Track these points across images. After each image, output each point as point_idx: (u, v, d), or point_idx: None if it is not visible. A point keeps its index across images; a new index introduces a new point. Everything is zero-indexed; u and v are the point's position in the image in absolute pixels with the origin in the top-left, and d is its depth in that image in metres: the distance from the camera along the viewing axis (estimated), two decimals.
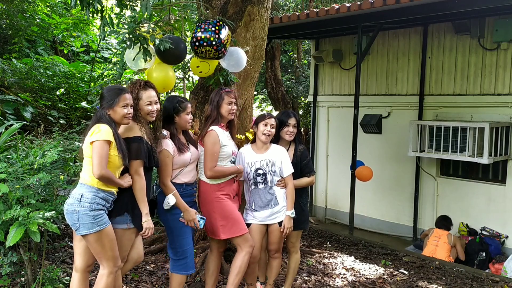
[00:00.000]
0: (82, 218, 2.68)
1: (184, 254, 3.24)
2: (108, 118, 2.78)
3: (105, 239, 2.75)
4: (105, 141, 2.68)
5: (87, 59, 11.23)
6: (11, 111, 7.16)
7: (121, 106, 2.80)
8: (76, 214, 2.69)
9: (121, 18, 5.68)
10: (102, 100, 2.85)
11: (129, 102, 2.84)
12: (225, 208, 3.34)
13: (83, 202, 2.69)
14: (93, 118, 2.87)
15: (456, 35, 6.83)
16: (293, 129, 3.62)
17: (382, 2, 5.67)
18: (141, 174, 2.90)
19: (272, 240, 3.59)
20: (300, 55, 12.43)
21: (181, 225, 3.21)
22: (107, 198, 2.78)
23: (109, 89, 2.90)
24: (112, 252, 2.79)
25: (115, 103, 2.79)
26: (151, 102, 3.01)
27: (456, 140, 6.40)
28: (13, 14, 8.78)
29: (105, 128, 2.71)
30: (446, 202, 7.07)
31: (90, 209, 2.69)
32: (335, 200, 8.42)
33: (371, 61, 7.90)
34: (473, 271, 5.13)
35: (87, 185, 2.74)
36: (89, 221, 2.69)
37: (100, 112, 2.81)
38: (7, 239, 2.96)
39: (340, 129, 8.22)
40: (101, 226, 2.72)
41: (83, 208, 2.69)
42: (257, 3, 4.39)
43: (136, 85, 3.02)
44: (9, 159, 3.83)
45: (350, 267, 4.92)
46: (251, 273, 3.59)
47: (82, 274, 2.90)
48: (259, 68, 4.74)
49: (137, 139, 2.89)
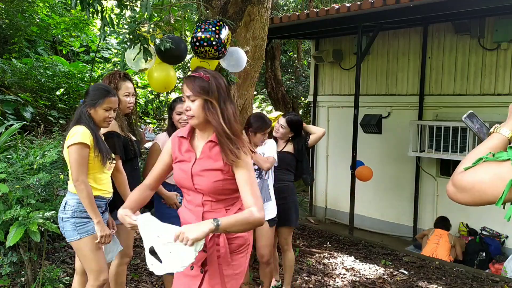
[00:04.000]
0: (65, 225, 2.64)
1: None
2: (88, 118, 2.66)
3: (85, 248, 2.63)
4: (82, 144, 2.56)
5: (87, 59, 11.22)
6: (11, 111, 7.15)
7: (104, 108, 2.68)
8: (61, 220, 2.66)
9: (121, 18, 5.68)
10: (86, 96, 2.73)
11: (113, 106, 2.72)
12: None
13: (67, 209, 2.64)
14: (74, 115, 2.76)
15: (456, 35, 6.83)
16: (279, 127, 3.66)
17: (382, 2, 5.67)
18: (120, 169, 2.87)
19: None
20: (300, 55, 12.43)
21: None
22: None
23: (96, 88, 2.77)
24: (95, 264, 2.64)
25: (98, 103, 2.67)
26: (129, 94, 3.03)
27: (456, 140, 6.40)
28: (13, 14, 8.77)
29: (81, 130, 2.59)
30: (446, 202, 7.06)
31: (72, 216, 2.63)
32: (335, 200, 8.42)
33: (371, 61, 7.90)
34: (473, 271, 5.14)
35: (70, 192, 2.67)
36: (70, 228, 2.63)
37: (81, 110, 2.69)
38: (7, 239, 2.96)
39: (340, 129, 8.22)
40: (81, 234, 2.62)
41: (66, 215, 2.63)
42: (257, 3, 4.39)
43: (115, 75, 3.01)
44: (9, 159, 3.82)
45: (350, 267, 4.92)
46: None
47: (82, 277, 2.89)
48: (259, 68, 4.74)
49: (110, 134, 2.86)
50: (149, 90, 9.47)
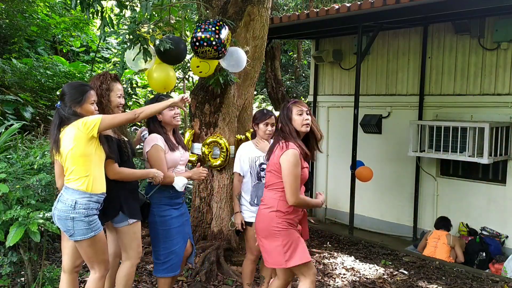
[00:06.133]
0: (77, 224, 2.63)
1: (169, 257, 3.18)
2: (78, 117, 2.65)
3: (98, 243, 2.72)
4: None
5: (87, 59, 11.23)
6: (11, 111, 7.15)
7: (90, 103, 2.72)
8: (71, 220, 2.62)
9: (121, 18, 5.69)
10: (64, 97, 2.69)
11: (95, 99, 2.78)
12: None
13: (78, 208, 2.62)
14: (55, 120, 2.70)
15: (456, 35, 6.83)
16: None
17: (382, 2, 5.67)
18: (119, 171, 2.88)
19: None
20: (300, 55, 12.44)
21: (168, 227, 3.16)
22: (99, 200, 2.73)
23: (73, 86, 2.74)
24: (103, 256, 2.77)
25: (84, 100, 2.69)
26: (120, 95, 3.03)
27: (456, 140, 6.40)
28: (13, 14, 8.77)
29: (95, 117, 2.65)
30: (446, 202, 7.07)
31: (86, 215, 2.64)
32: (335, 200, 8.42)
33: (371, 61, 7.90)
34: (473, 271, 5.14)
35: (79, 191, 2.64)
36: (84, 227, 2.63)
37: (66, 111, 2.66)
38: (7, 239, 2.96)
39: (340, 129, 8.22)
40: (95, 231, 2.68)
41: (78, 214, 2.62)
42: (257, 3, 4.39)
43: (106, 76, 3.00)
44: (9, 159, 3.82)
45: (350, 267, 4.92)
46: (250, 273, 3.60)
47: (70, 275, 2.88)
48: (259, 68, 4.74)
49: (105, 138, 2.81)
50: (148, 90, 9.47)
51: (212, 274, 4.12)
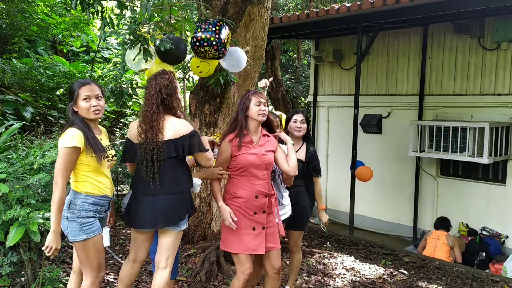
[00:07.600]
0: (71, 224, 2.62)
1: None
2: (78, 118, 2.64)
3: (91, 248, 2.65)
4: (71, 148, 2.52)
5: (87, 59, 11.22)
6: (11, 111, 7.16)
7: (82, 99, 2.62)
8: (66, 220, 2.62)
9: (122, 18, 5.69)
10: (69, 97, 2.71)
11: (91, 94, 2.64)
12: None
13: (72, 209, 2.62)
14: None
15: (456, 35, 6.83)
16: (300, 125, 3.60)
17: (382, 2, 5.68)
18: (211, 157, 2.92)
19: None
20: (300, 55, 12.43)
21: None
22: (99, 203, 2.69)
23: (71, 86, 2.73)
24: (96, 262, 2.69)
25: (75, 97, 2.63)
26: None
27: (456, 140, 6.40)
28: (13, 14, 8.77)
29: (71, 133, 2.56)
30: (446, 202, 7.07)
31: (78, 216, 2.61)
32: (335, 200, 8.42)
33: (371, 61, 7.90)
34: (473, 271, 5.14)
35: (74, 192, 2.65)
36: (76, 228, 2.61)
37: (69, 111, 2.68)
38: (7, 239, 2.96)
39: (340, 129, 8.22)
40: (88, 234, 2.62)
41: (71, 214, 2.61)
42: (257, 3, 4.39)
43: None
44: (9, 159, 3.82)
45: (350, 267, 4.92)
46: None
47: (79, 276, 2.87)
48: (259, 68, 4.74)
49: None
50: None
51: (212, 274, 4.12)
